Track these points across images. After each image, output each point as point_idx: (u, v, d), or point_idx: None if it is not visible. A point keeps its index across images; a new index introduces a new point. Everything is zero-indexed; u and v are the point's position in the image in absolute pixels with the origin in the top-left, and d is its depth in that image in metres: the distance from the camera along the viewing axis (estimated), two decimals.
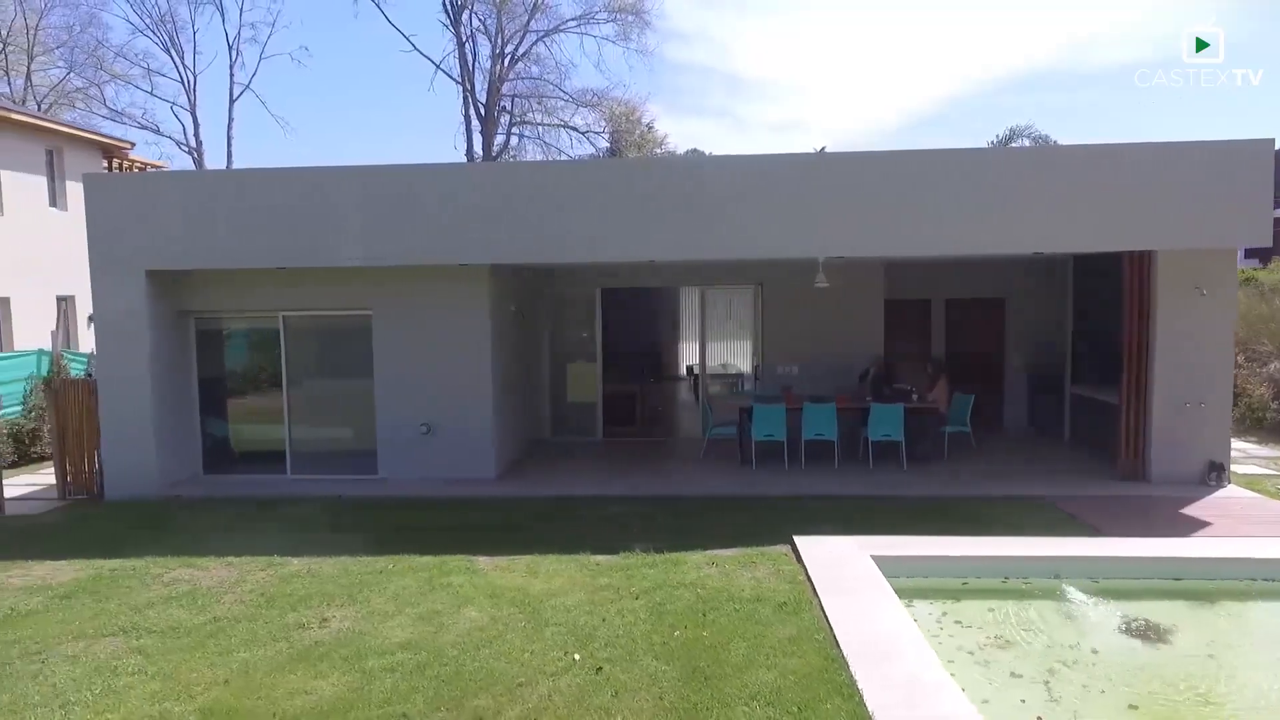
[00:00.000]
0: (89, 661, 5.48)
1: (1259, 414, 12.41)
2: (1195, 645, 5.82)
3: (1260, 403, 12.43)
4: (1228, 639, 6.03)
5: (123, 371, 9.44)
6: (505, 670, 5.19)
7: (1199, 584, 6.70)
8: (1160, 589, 6.74)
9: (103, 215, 9.30)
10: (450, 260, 9.17)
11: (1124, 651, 5.67)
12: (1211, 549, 7.16)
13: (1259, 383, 12.71)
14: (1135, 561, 6.83)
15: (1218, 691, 5.17)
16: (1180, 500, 8.81)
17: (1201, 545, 7.35)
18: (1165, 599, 6.64)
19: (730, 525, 8.20)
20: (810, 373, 11.96)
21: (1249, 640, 6.19)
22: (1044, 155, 8.94)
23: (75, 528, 8.79)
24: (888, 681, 4.72)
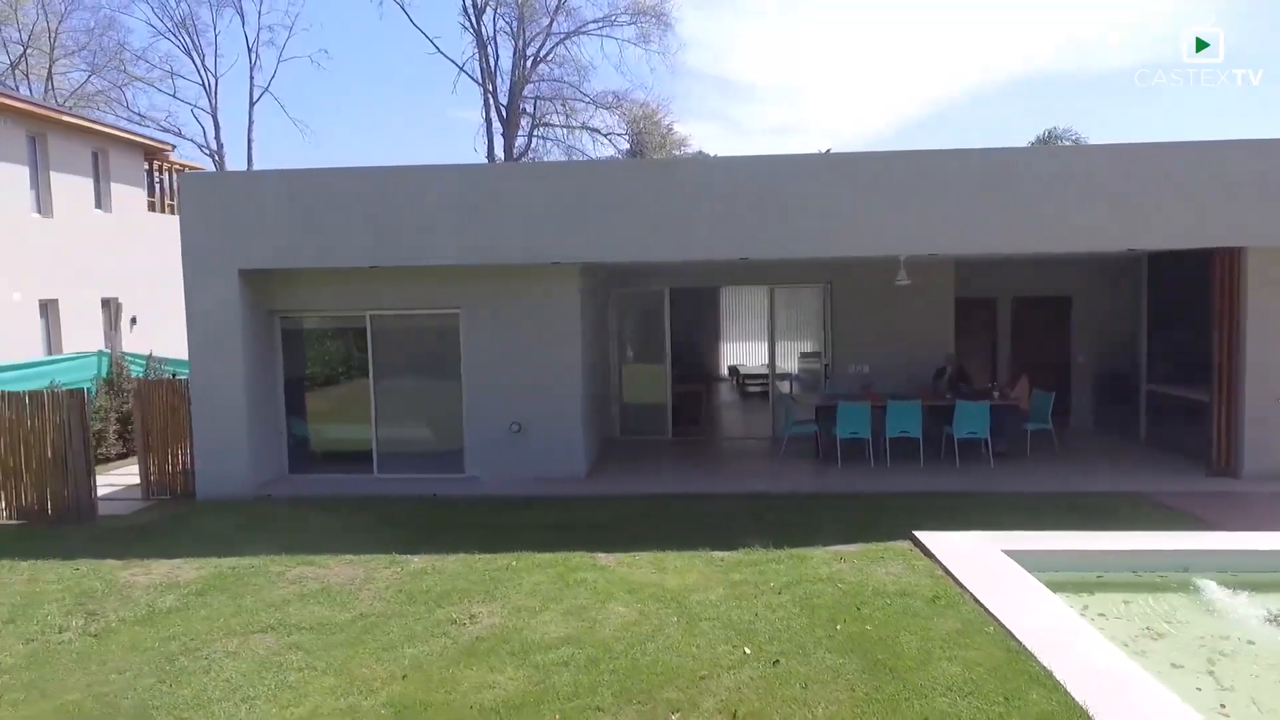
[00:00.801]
0: (251, 657, 5.46)
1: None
2: None
3: None
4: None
5: (215, 371, 9.42)
6: (681, 664, 5.19)
7: None
8: None
9: (196, 215, 9.29)
10: (543, 259, 9.16)
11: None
12: None
13: None
14: (1267, 555, 6.86)
15: None
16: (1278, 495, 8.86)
17: None
18: None
19: (837, 522, 8.21)
20: (881, 371, 11.98)
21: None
22: (1135, 152, 8.94)
23: (176, 527, 8.75)
24: (1081, 671, 4.74)
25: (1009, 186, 8.81)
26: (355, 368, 10.32)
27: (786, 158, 9.49)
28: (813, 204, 8.91)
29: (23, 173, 15.71)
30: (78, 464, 9.25)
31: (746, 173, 8.94)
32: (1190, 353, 10.67)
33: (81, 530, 8.81)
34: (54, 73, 32.83)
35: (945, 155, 9.22)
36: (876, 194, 8.89)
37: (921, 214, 8.84)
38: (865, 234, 8.93)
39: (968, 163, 8.87)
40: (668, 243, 8.94)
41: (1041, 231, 8.85)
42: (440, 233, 9.04)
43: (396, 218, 9.09)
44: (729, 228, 8.82)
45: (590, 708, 4.69)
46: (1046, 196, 8.81)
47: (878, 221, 8.89)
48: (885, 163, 9.13)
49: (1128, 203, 8.81)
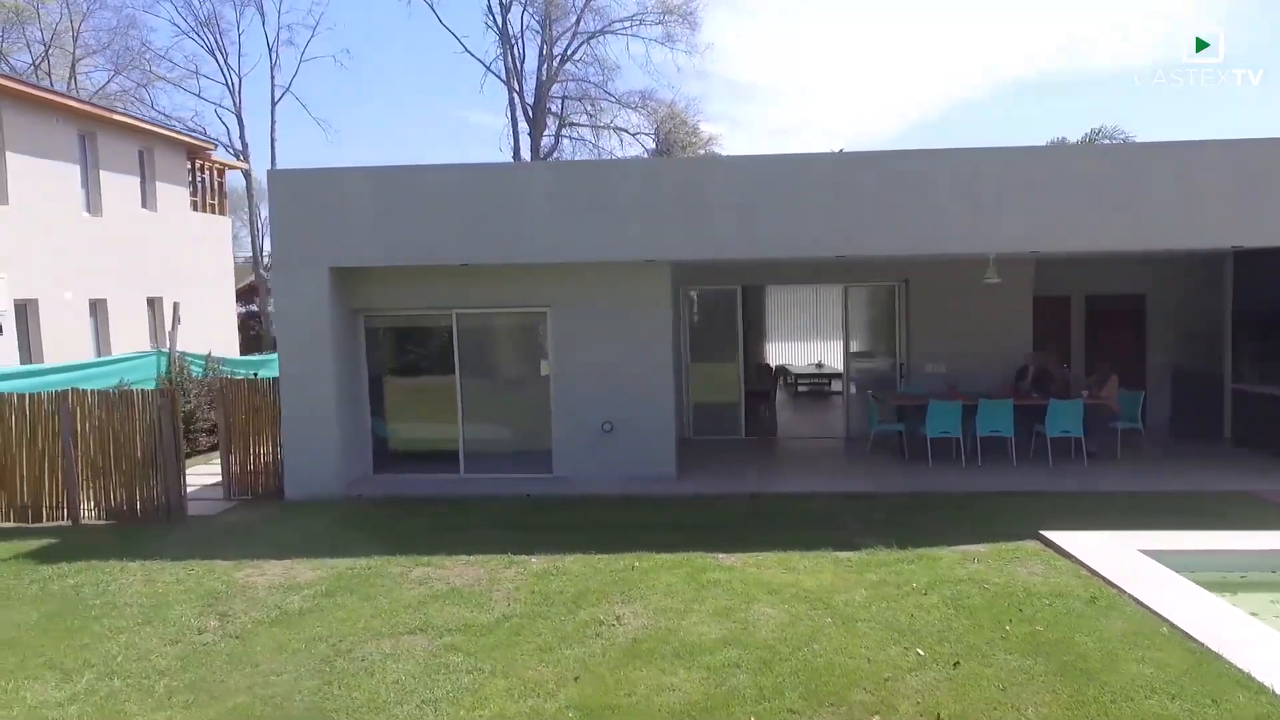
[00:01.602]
0: (411, 659, 5.35)
1: None
2: None
3: None
4: None
5: (305, 370, 9.31)
6: (856, 666, 5.07)
7: None
8: None
9: (286, 212, 9.18)
10: (641, 256, 9.06)
11: None
12: None
13: None
14: None
15: None
16: None
17: None
18: None
19: (950, 521, 8.10)
20: (957, 371, 11.85)
21: None
22: (1249, 149, 8.84)
23: (273, 528, 8.63)
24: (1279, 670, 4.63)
25: (1130, 184, 8.69)
26: (440, 367, 10.20)
27: (899, 153, 9.31)
28: (918, 199, 8.81)
29: (74, 171, 15.62)
30: (169, 464, 9.14)
31: (855, 168, 8.84)
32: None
33: (175, 531, 8.70)
34: (76, 72, 32.75)
35: (1064, 151, 9.10)
36: (1006, 192, 8.77)
37: (1037, 211, 8.73)
38: (981, 230, 8.82)
39: (1086, 159, 8.78)
40: (774, 240, 8.83)
41: (1165, 228, 8.73)
42: (536, 230, 8.94)
43: (491, 215, 8.98)
44: (837, 224, 8.71)
45: (783, 710, 4.58)
46: (1168, 193, 8.69)
47: (999, 218, 8.78)
48: (1000, 159, 8.97)
49: (1247, 199, 8.70)
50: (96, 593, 6.75)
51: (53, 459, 9.19)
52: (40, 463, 9.20)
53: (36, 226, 14.41)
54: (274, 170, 9.08)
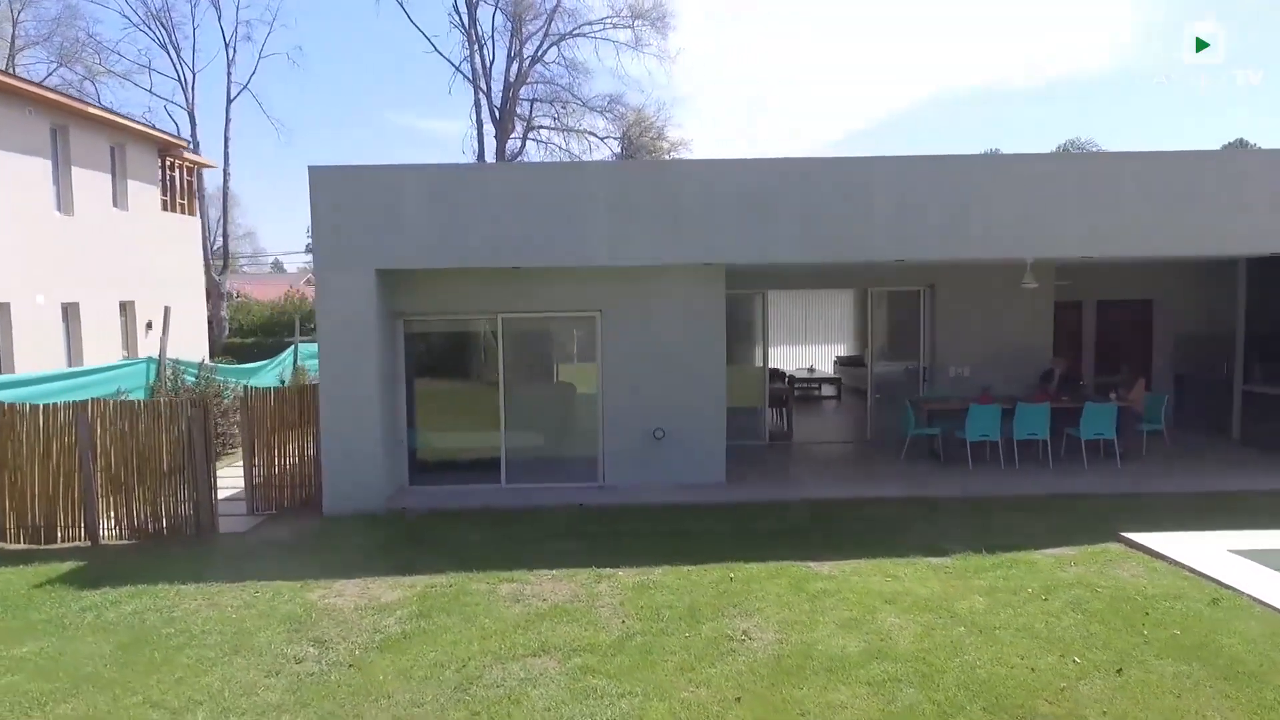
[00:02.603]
0: (551, 684, 5.04)
1: None
2: None
3: None
4: None
5: (348, 376, 8.81)
6: (1024, 677, 4.98)
7: None
8: None
9: (329, 211, 8.68)
10: (703, 259, 8.87)
11: None
12: None
13: None
14: None
15: None
16: None
17: None
18: None
19: (1021, 524, 8.12)
20: (980, 374, 12.00)
21: None
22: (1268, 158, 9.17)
23: (320, 544, 8.12)
24: None
25: (1185, 190, 8.90)
26: (482, 372, 9.82)
27: (961, 158, 9.36)
28: (979, 204, 8.86)
29: (45, 167, 14.61)
30: (201, 478, 8.55)
31: (915, 174, 8.84)
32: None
33: (211, 550, 8.13)
34: (15, 64, 30.84)
35: (1117, 159, 9.25)
36: (1059, 197, 8.88)
37: (1089, 216, 8.87)
38: (1043, 234, 8.90)
39: (1138, 166, 8.95)
40: (836, 244, 8.76)
41: (1207, 234, 8.96)
42: (595, 232, 8.66)
43: (548, 217, 8.67)
44: (900, 228, 8.70)
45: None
46: (1214, 199, 8.94)
47: (1060, 222, 8.87)
48: (1056, 164, 9.12)
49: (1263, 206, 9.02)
50: (163, 620, 6.21)
51: (68, 474, 8.49)
52: (55, 478, 8.49)
53: (6, 225, 13.42)
54: (316, 167, 8.56)
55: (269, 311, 31.23)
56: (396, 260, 8.77)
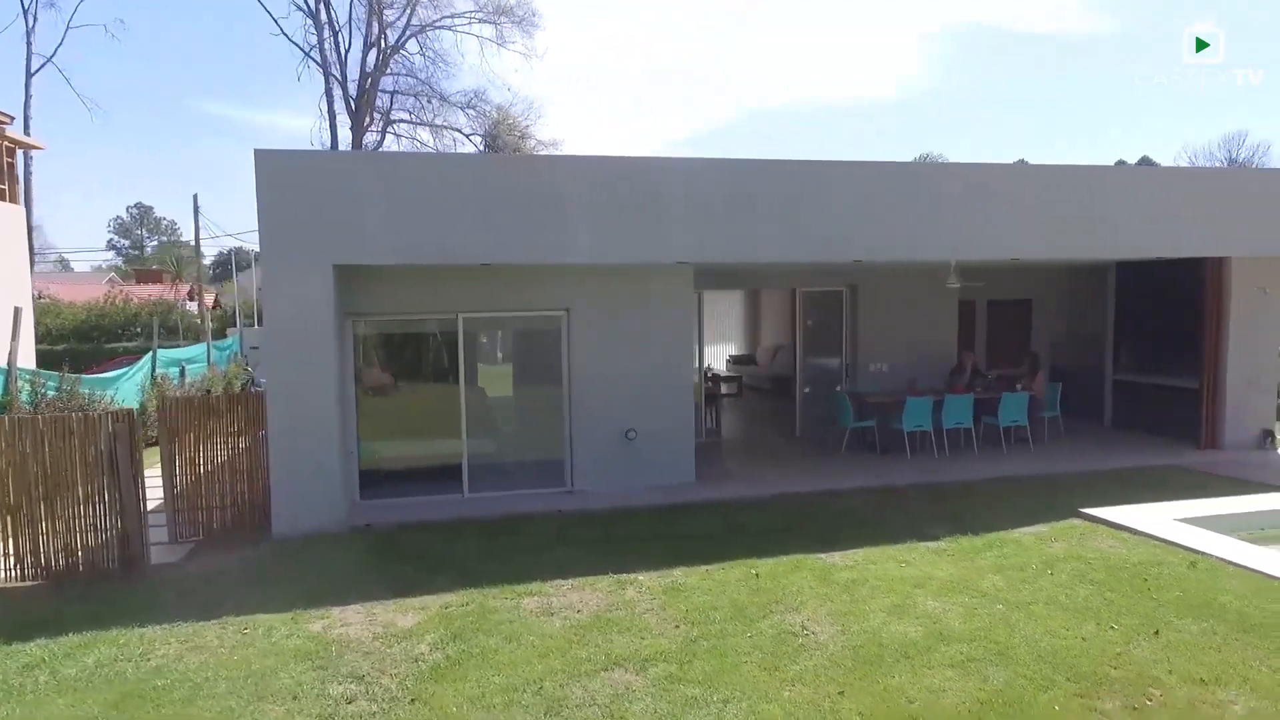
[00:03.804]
0: (645, 696, 4.79)
1: None
2: None
3: None
4: None
5: (302, 381, 7.93)
6: (1080, 646, 5.31)
7: None
8: None
9: (280, 200, 7.78)
10: (688, 258, 8.73)
11: None
12: None
13: None
14: None
15: None
16: (1272, 461, 10.75)
17: None
18: None
19: (985, 506, 8.69)
20: (898, 369, 12.74)
21: None
22: (1148, 174, 10.42)
23: (289, 571, 7.22)
24: None
25: (1087, 202, 9.87)
26: (441, 375, 9.18)
27: (920, 165, 9.81)
28: (929, 209, 9.39)
29: None
30: (128, 504, 7.41)
31: (879, 179, 9.23)
32: (1154, 346, 12.59)
33: (148, 584, 7.06)
34: None
35: (1033, 171, 10.11)
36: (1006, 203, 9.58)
37: (1020, 221, 9.65)
38: (989, 238, 9.56)
39: (1052, 178, 9.83)
40: (815, 242, 8.98)
41: (1109, 240, 10.00)
42: (573, 228, 8.35)
43: (522, 211, 8.25)
44: (867, 229, 9.05)
45: (1071, 695, 4.69)
46: (1131, 211, 10.00)
47: (1003, 227, 9.55)
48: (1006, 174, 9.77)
49: (1141, 216, 10.21)
50: (147, 670, 5.31)
51: None
52: None
53: None
54: (263, 151, 7.65)
55: (84, 314, 27.70)
56: (357, 255, 8.02)
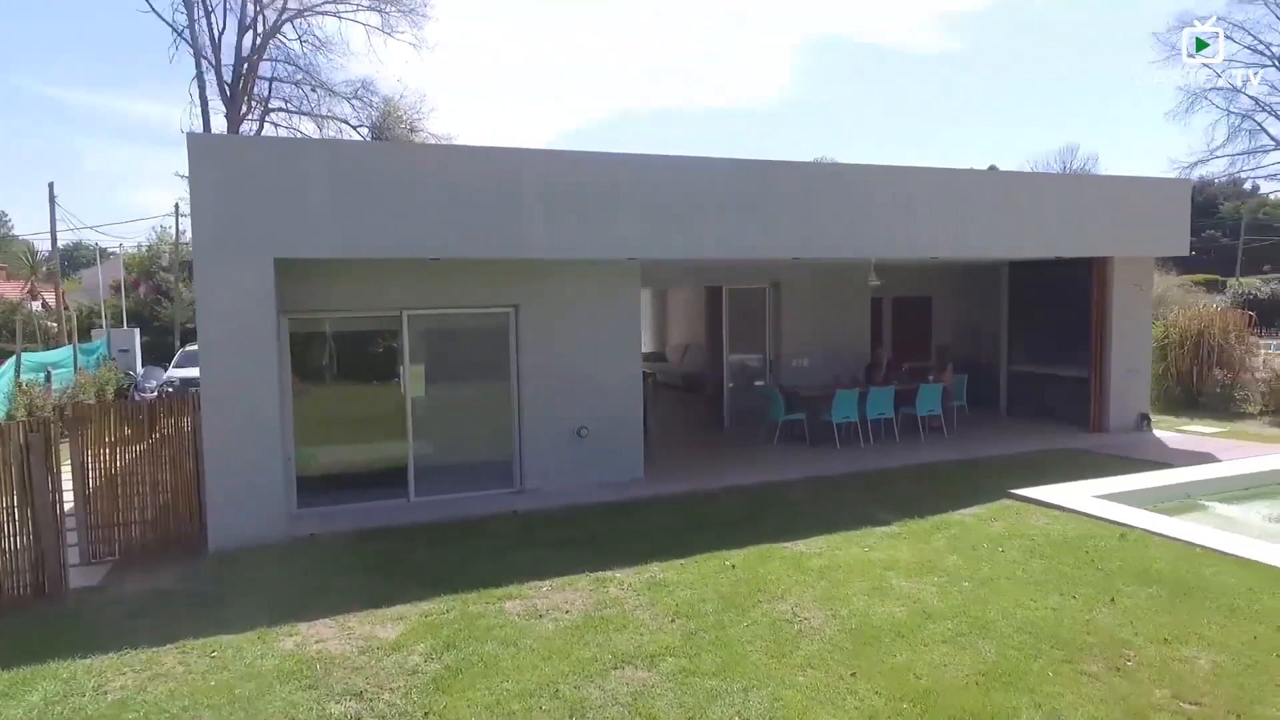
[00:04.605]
0: (664, 691, 4.78)
1: None
2: None
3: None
4: None
5: (240, 383, 7.36)
6: (1052, 617, 5.70)
7: (1265, 488, 9.42)
8: (1249, 495, 9.28)
9: (217, 189, 7.18)
10: (642, 254, 8.71)
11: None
12: (1241, 467, 9.98)
13: None
14: (1238, 478, 9.39)
15: None
16: (1151, 441, 11.90)
17: (1238, 465, 10.12)
18: (1264, 499, 9.17)
19: (922, 491, 9.17)
20: (817, 363, 13.27)
21: None
22: (1044, 180, 11.34)
23: (239, 588, 6.71)
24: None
25: (965, 204, 10.59)
26: (384, 375, 8.75)
27: (857, 167, 10.22)
28: (860, 208, 9.82)
29: None
30: (44, 522, 6.67)
31: (817, 179, 9.55)
32: (1043, 339, 13.70)
33: (75, 611, 6.41)
34: None
35: (928, 174, 10.73)
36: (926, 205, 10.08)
37: (939, 223, 10.24)
38: (908, 237, 10.06)
39: (987, 182, 10.48)
40: (752, 241, 9.17)
41: (1010, 239, 10.78)
42: (530, 222, 8.17)
43: (477, 204, 8.01)
44: (804, 228, 9.35)
45: (1060, 662, 5.03)
46: (1032, 214, 10.78)
47: (918, 227, 10.07)
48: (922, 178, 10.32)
49: (1032, 219, 11.12)
50: (110, 704, 4.82)
51: None
52: None
53: None
54: (197, 136, 7.08)
55: None
56: (301, 248, 7.53)
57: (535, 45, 62.97)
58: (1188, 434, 12.73)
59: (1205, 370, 14.93)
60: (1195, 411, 14.61)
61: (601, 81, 69.95)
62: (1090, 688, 4.72)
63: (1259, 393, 14.55)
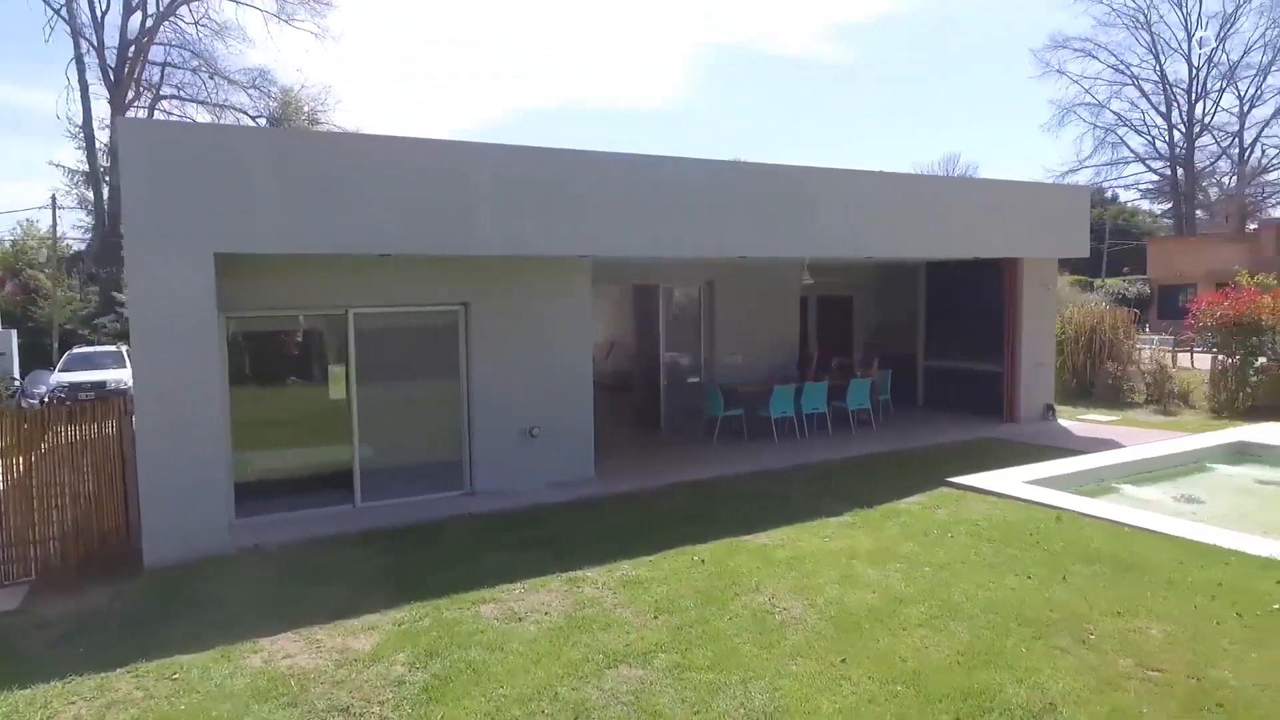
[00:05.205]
0: (664, 688, 4.79)
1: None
2: (1212, 494, 9.23)
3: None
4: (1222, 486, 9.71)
5: (179, 386, 6.86)
6: (1014, 597, 6.01)
7: (1163, 471, 10.25)
8: (1153, 478, 10.06)
9: (149, 177, 6.65)
10: (601, 252, 8.63)
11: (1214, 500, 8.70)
12: (1143, 452, 10.81)
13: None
14: (1142, 462, 10.16)
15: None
16: (1057, 430, 12.72)
17: (1140, 450, 10.95)
18: (1165, 480, 9.97)
19: (863, 482, 9.48)
20: (751, 360, 13.53)
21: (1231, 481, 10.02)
22: (967, 185, 11.99)
23: (186, 605, 6.26)
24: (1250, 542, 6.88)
25: (883, 206, 11.07)
26: (325, 375, 8.35)
27: (802, 169, 10.42)
28: (808, 209, 10.09)
29: None
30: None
31: (771, 181, 9.75)
32: (957, 335, 14.45)
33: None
34: None
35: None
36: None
37: (887, 224, 10.65)
38: (864, 238, 10.40)
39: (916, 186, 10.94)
40: (710, 240, 9.27)
41: (910, 242, 11.31)
42: (485, 218, 7.96)
43: (430, 199, 7.74)
44: (759, 228, 9.54)
45: (1030, 639, 5.31)
46: (951, 216, 11.31)
47: (878, 228, 10.42)
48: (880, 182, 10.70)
49: (977, 223, 11.77)
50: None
51: None
52: None
53: None
54: (127, 120, 6.53)
55: None
56: (245, 243, 7.08)
57: (436, 42, 61.76)
58: (1087, 422, 13.69)
59: (1098, 363, 16.09)
60: (1090, 401, 15.73)
61: (501, 79, 69.61)
62: (1063, 661, 5.01)
63: (1144, 384, 15.80)
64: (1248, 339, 14.15)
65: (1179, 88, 49.25)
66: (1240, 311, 14.14)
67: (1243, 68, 47.05)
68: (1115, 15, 48.90)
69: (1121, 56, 49.85)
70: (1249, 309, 14.12)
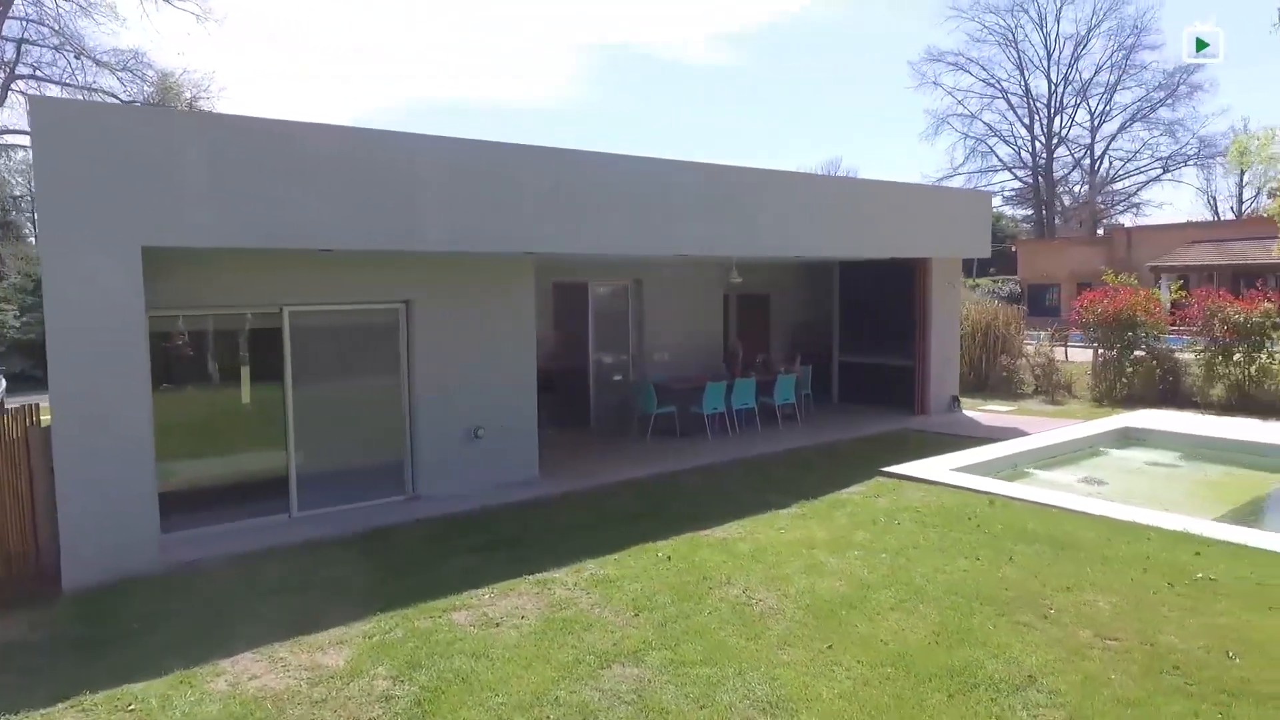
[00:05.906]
0: (663, 685, 4.78)
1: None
2: (1111, 475, 10.03)
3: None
4: (1118, 467, 10.49)
5: (101, 392, 6.26)
6: (968, 579, 6.33)
7: (1065, 456, 11.07)
8: (1057, 462, 10.86)
9: (64, 162, 6.01)
10: (554, 249, 8.47)
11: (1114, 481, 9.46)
12: (1047, 439, 11.63)
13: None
14: (1046, 449, 10.91)
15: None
16: (965, 420, 13.49)
17: (1044, 437, 11.75)
18: (1069, 464, 10.77)
19: (800, 475, 9.78)
20: (678, 358, 13.67)
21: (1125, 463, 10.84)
22: (883, 187, 12.57)
23: (113, 630, 5.74)
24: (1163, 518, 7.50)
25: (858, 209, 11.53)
26: (259, 378, 7.82)
27: (745, 170, 10.55)
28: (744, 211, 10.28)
29: None
30: None
31: (722, 182, 9.85)
32: (871, 332, 15.09)
33: None
34: None
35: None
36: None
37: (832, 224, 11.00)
38: (791, 238, 10.67)
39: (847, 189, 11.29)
40: (662, 238, 9.30)
41: (854, 240, 11.79)
42: (427, 213, 7.69)
43: (374, 192, 7.38)
44: (712, 228, 9.65)
45: (996, 616, 5.62)
46: (879, 218, 11.80)
47: (802, 228, 10.71)
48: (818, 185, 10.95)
49: (892, 224, 12.33)
50: None
51: None
52: None
53: None
54: (39, 99, 6.03)
55: None
56: (174, 236, 6.53)
57: (330, 26, 59.10)
58: (988, 412, 14.59)
59: (993, 357, 17.18)
60: (986, 393, 16.77)
61: (390, 69, 67.76)
62: (1030, 635, 5.33)
63: (1033, 376, 16.98)
64: (1125, 333, 15.45)
65: (1040, 102, 53.22)
66: (1119, 308, 15.42)
67: (1093, 86, 51.34)
68: (987, 32, 52.35)
69: (992, 71, 53.39)
70: (1126, 306, 15.41)
